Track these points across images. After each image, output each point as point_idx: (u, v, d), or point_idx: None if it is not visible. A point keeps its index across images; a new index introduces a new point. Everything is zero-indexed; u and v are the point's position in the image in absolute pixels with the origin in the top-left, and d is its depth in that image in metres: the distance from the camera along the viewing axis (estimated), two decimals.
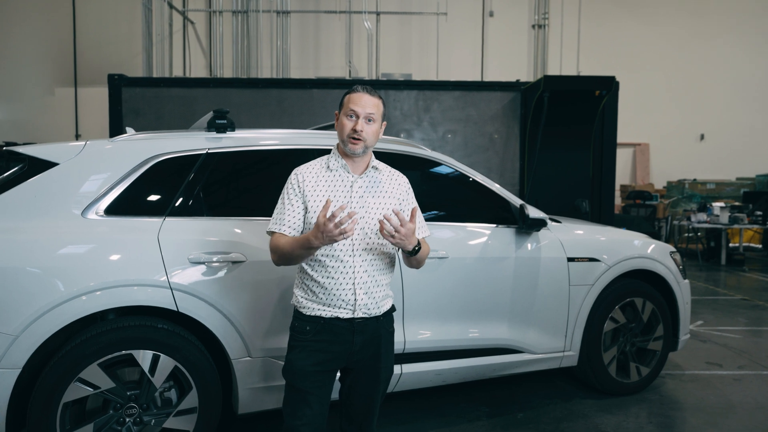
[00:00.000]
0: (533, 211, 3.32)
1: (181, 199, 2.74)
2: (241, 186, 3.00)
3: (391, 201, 2.15)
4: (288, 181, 2.13)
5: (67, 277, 2.42)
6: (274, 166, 2.97)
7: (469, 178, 3.38)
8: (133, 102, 6.42)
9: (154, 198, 2.73)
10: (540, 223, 3.34)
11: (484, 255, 3.25)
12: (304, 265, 2.08)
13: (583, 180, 6.52)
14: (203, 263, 2.64)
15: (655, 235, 8.69)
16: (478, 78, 12.40)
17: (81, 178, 2.62)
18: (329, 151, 2.20)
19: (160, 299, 2.56)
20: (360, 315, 2.06)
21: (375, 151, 2.22)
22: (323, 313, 2.05)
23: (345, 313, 2.05)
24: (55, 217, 2.53)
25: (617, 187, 10.10)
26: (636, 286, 3.74)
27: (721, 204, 9.99)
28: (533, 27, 12.78)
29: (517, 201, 3.41)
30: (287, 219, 2.06)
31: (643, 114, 12.72)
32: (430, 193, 3.28)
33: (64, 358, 2.41)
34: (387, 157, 2.89)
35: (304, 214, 2.08)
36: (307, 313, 2.07)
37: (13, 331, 2.33)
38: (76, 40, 12.20)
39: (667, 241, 11.19)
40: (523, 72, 12.47)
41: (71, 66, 12.22)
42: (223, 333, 2.67)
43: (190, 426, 2.62)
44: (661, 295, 3.84)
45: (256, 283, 2.72)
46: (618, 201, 11.81)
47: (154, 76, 10.27)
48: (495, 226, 3.35)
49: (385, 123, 2.17)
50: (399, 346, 2.98)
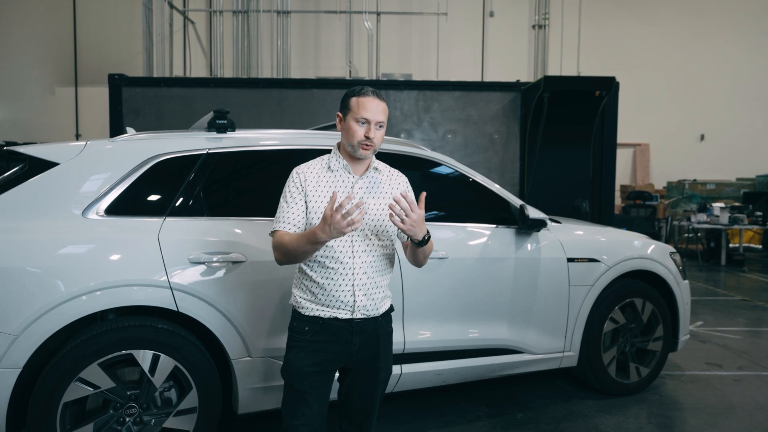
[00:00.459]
0: (533, 212, 3.32)
1: (181, 199, 2.75)
2: (242, 186, 3.00)
3: (391, 201, 2.15)
4: (289, 179, 2.11)
5: (67, 277, 2.42)
6: (274, 166, 2.97)
7: (469, 178, 3.38)
8: (133, 102, 6.42)
9: (154, 198, 2.73)
10: (540, 224, 3.34)
11: (484, 255, 3.26)
12: (303, 265, 2.08)
13: (583, 180, 6.52)
14: (203, 263, 2.64)
15: (654, 235, 8.69)
16: (479, 78, 12.40)
17: (81, 178, 2.62)
18: (329, 151, 2.18)
19: (160, 299, 2.56)
20: (359, 316, 2.05)
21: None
22: (322, 314, 2.04)
23: (344, 314, 2.04)
24: (55, 217, 2.53)
25: (617, 187, 10.10)
26: (636, 286, 3.75)
27: (721, 204, 9.99)
28: (533, 27, 12.78)
29: (517, 201, 3.41)
30: (290, 216, 2.03)
31: (643, 114, 12.72)
32: (430, 193, 3.22)
33: (64, 357, 2.41)
34: (387, 157, 2.89)
35: (306, 212, 2.05)
36: (306, 314, 2.06)
37: (13, 331, 2.34)
38: (77, 40, 12.20)
39: (667, 241, 11.19)
40: (523, 72, 12.47)
41: (71, 66, 12.22)
42: (223, 333, 2.67)
43: (190, 426, 2.63)
44: (661, 295, 3.84)
45: (256, 283, 2.72)
46: (618, 201, 11.81)
47: (155, 75, 10.26)
48: (495, 226, 3.36)
49: None
50: (399, 347, 2.99)
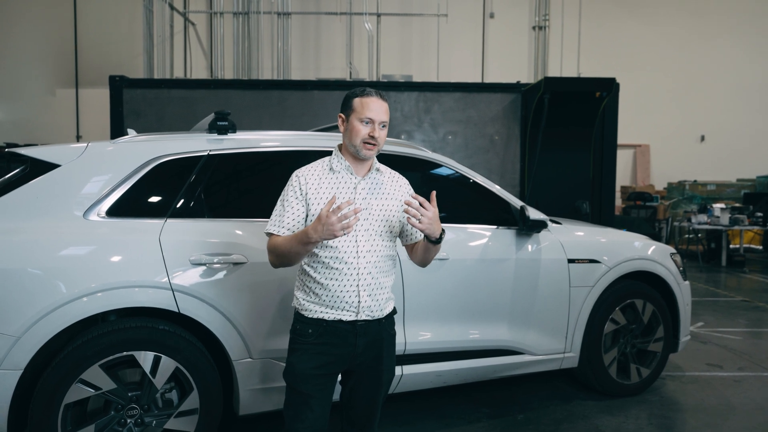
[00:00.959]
0: (533, 213, 3.32)
1: (182, 201, 2.75)
2: (243, 187, 3.00)
3: (394, 203, 2.14)
4: (289, 183, 2.11)
5: (68, 279, 2.42)
6: (275, 167, 2.97)
7: (470, 179, 3.39)
8: (134, 103, 6.43)
9: (155, 199, 2.73)
10: (540, 225, 3.35)
11: (484, 256, 3.26)
12: (306, 266, 2.07)
13: (583, 181, 6.53)
14: (204, 264, 2.64)
15: (655, 236, 8.68)
16: (479, 79, 12.42)
17: (83, 179, 2.62)
18: (330, 153, 2.18)
19: (162, 300, 2.56)
20: (363, 317, 2.04)
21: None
22: (326, 316, 2.03)
23: (348, 316, 2.03)
24: (56, 219, 2.53)
25: (617, 188, 10.08)
26: (636, 287, 3.75)
27: (722, 205, 9.99)
28: (534, 28, 12.80)
29: (517, 202, 3.42)
30: (287, 221, 2.03)
31: (643, 115, 12.73)
32: (430, 194, 3.28)
33: (65, 359, 2.42)
34: (388, 158, 2.89)
35: (305, 217, 2.05)
36: (309, 316, 2.05)
37: (14, 333, 2.34)
38: (77, 41, 12.22)
39: (667, 242, 11.19)
40: (523, 73, 12.48)
41: (72, 67, 12.24)
42: (224, 334, 2.68)
43: (191, 427, 2.63)
44: (662, 296, 3.84)
45: (257, 285, 2.73)
46: (618, 202, 11.81)
47: (155, 77, 10.28)
48: (495, 227, 3.36)
49: None
50: (400, 348, 2.98)
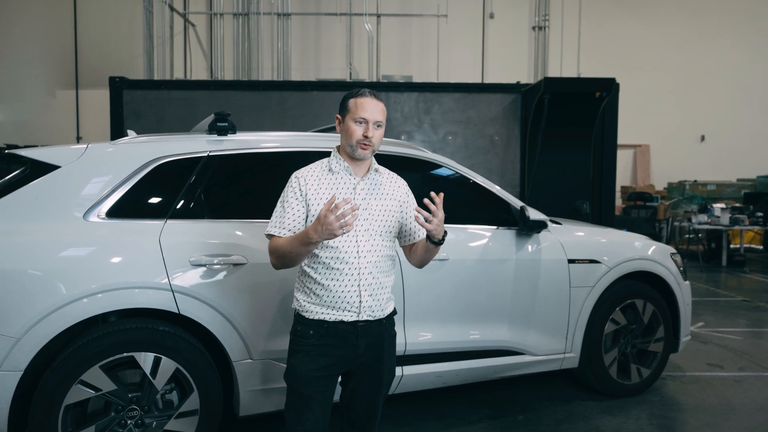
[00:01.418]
0: (533, 213, 3.32)
1: (182, 202, 2.75)
2: (242, 188, 3.01)
3: (393, 203, 2.15)
4: (288, 184, 2.11)
5: (68, 280, 2.42)
6: (275, 168, 2.98)
7: (470, 180, 3.39)
8: (134, 104, 6.43)
9: (155, 201, 2.74)
10: (540, 225, 3.35)
11: (484, 257, 3.26)
12: (306, 267, 2.07)
13: (583, 181, 6.52)
14: (204, 266, 2.64)
15: (655, 236, 8.67)
16: (479, 80, 12.41)
17: (83, 180, 2.63)
18: (330, 154, 2.18)
19: (162, 301, 2.56)
20: (364, 318, 2.04)
21: (376, 154, 2.23)
22: (327, 317, 2.03)
23: (349, 316, 2.03)
24: (56, 220, 2.53)
25: (618, 188, 10.08)
26: (637, 287, 3.75)
27: (722, 205, 9.98)
28: (533, 28, 12.79)
29: (517, 203, 3.42)
30: (287, 222, 2.04)
31: (643, 115, 12.73)
32: (430, 195, 3.28)
33: (65, 360, 2.42)
34: (388, 159, 2.89)
35: (306, 218, 2.06)
36: (310, 317, 2.05)
37: (15, 334, 2.34)
38: (78, 43, 12.23)
39: (667, 242, 11.18)
40: (523, 74, 12.48)
41: (72, 68, 12.25)
42: (224, 335, 2.68)
43: (191, 428, 2.63)
44: (662, 296, 3.84)
45: (257, 286, 2.73)
46: (618, 202, 11.81)
47: (155, 78, 10.28)
48: (495, 228, 3.36)
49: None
50: (400, 348, 2.98)
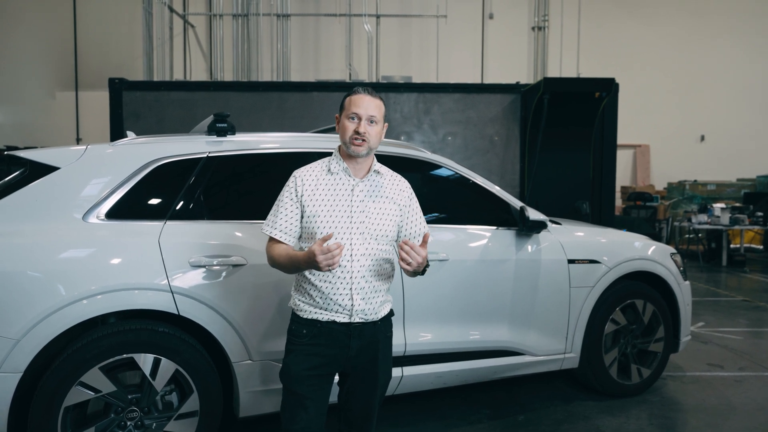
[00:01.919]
0: (533, 213, 3.32)
1: (181, 203, 2.75)
2: (242, 189, 3.01)
3: (392, 206, 2.13)
4: (287, 183, 2.12)
5: (68, 281, 2.42)
6: (274, 169, 2.97)
7: (470, 180, 3.39)
8: (133, 106, 6.43)
9: (155, 201, 2.73)
10: (540, 225, 3.34)
11: (484, 257, 3.26)
12: None
13: (583, 182, 6.52)
14: (204, 267, 2.64)
15: (655, 236, 8.67)
16: (478, 80, 12.42)
17: (82, 182, 2.62)
18: (330, 154, 2.18)
19: (161, 303, 2.56)
20: (357, 320, 2.05)
21: (375, 154, 2.23)
22: (320, 317, 2.04)
23: (342, 317, 2.04)
24: (56, 221, 2.53)
25: (617, 188, 10.07)
26: (637, 287, 3.74)
27: (722, 205, 9.98)
28: (533, 29, 12.80)
29: (517, 203, 3.41)
30: (279, 222, 2.07)
31: (643, 115, 12.73)
32: (430, 195, 3.28)
33: (65, 361, 2.41)
34: (387, 160, 2.87)
35: (300, 219, 2.07)
36: (304, 317, 2.06)
37: (14, 335, 2.34)
38: (77, 44, 12.23)
39: (667, 242, 11.18)
40: (523, 74, 12.48)
41: (72, 70, 12.25)
42: (224, 336, 2.67)
43: (191, 429, 2.63)
44: (662, 296, 3.83)
45: (256, 287, 2.73)
46: (618, 203, 11.80)
47: (155, 79, 10.29)
48: (495, 228, 3.36)
49: (386, 124, 2.17)
50: (400, 349, 2.99)
